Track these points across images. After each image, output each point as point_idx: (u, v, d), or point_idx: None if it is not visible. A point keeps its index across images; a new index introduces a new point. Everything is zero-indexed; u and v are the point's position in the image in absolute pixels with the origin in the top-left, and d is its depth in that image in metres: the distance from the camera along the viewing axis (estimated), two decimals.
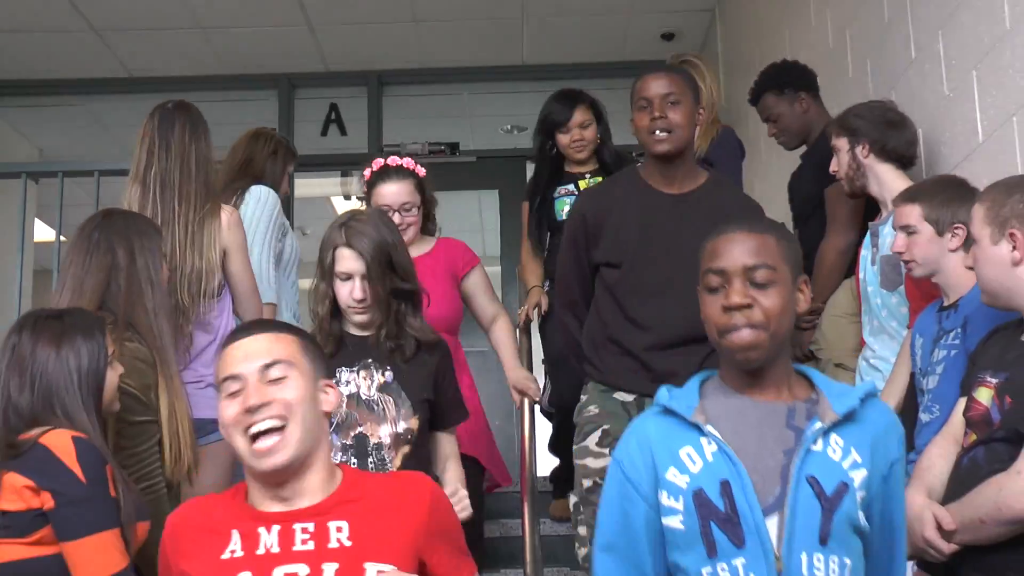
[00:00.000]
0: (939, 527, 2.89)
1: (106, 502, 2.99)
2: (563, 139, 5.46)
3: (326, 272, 3.71)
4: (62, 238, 7.02)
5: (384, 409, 3.64)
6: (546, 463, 5.95)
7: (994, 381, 2.94)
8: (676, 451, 2.38)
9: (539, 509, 5.32)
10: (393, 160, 4.74)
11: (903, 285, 4.07)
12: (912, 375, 3.76)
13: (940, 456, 3.09)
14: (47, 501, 2.91)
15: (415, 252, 4.44)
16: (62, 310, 3.38)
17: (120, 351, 3.40)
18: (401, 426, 3.62)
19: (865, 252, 4.33)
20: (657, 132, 3.93)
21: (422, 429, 3.69)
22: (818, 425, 2.33)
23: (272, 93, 9.38)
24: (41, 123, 9.91)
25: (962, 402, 3.09)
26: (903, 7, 4.71)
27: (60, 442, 2.97)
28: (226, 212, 4.28)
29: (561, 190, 5.59)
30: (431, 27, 8.73)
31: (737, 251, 2.42)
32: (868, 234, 4.34)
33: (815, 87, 5.31)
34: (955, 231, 3.56)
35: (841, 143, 4.27)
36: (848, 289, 4.72)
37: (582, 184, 5.50)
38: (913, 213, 3.65)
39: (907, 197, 3.73)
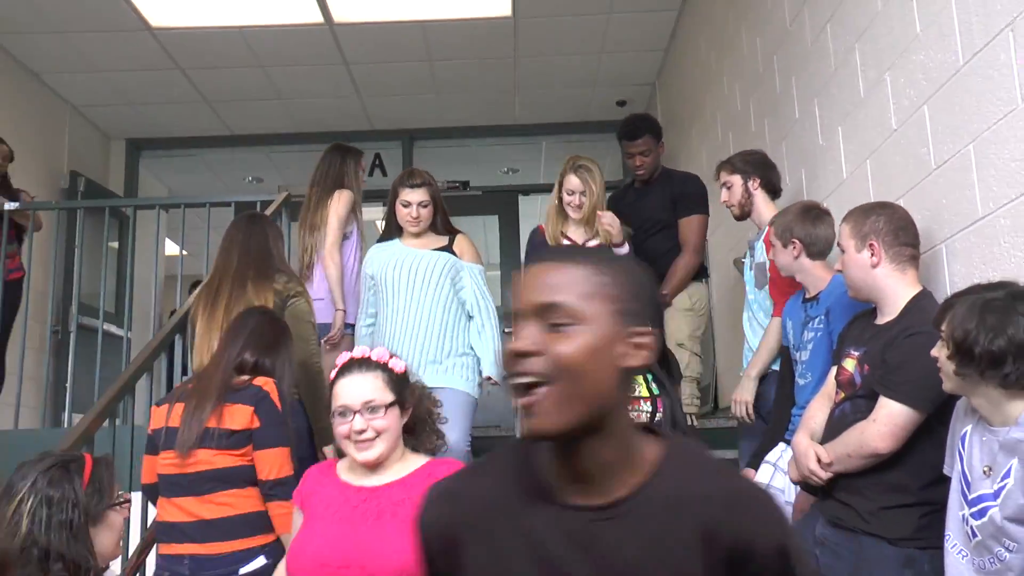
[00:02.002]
0: (819, 460, 2.92)
1: (287, 427, 3.31)
2: None
3: None
4: (184, 252, 7.04)
5: None
6: None
7: (856, 353, 2.98)
8: None
9: None
10: (361, 351, 2.89)
11: (767, 285, 4.10)
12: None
13: (819, 409, 3.12)
14: (255, 422, 3.21)
15: (390, 473, 2.78)
16: (268, 311, 3.75)
17: (308, 304, 4.13)
18: None
19: (747, 260, 4.35)
20: None
21: None
22: None
23: None
24: (169, 169, 9.89)
25: (834, 369, 3.12)
26: (790, 81, 4.72)
27: (268, 385, 3.29)
28: (337, 191, 5.14)
29: None
30: (448, 97, 8.70)
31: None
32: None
33: None
34: (793, 243, 3.60)
35: (735, 179, 4.22)
36: (686, 293, 5.14)
37: None
38: (770, 231, 3.74)
39: (770, 220, 3.82)
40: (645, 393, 2.89)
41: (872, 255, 2.96)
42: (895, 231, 2.98)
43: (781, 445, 3.62)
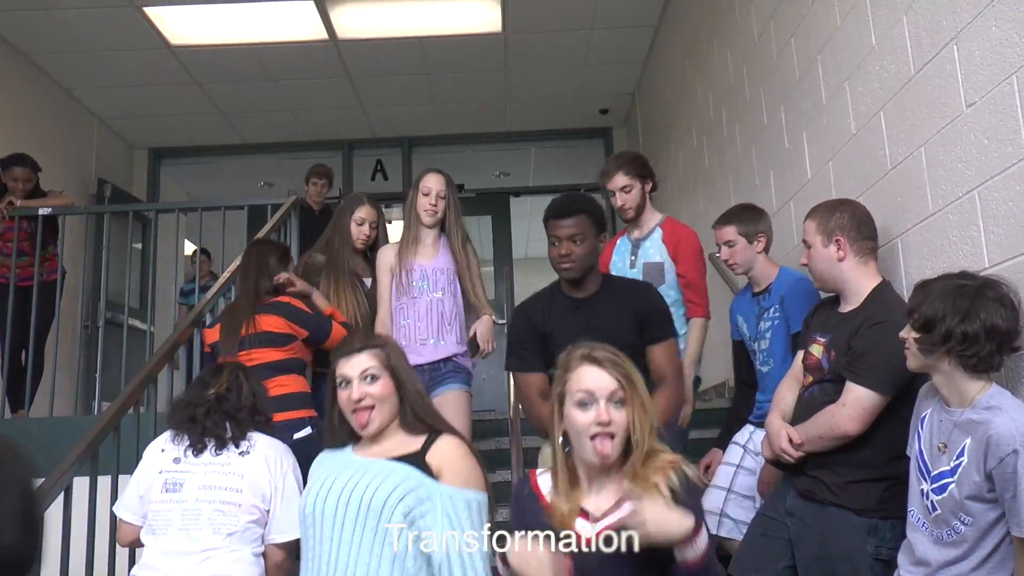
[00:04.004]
0: (790, 441, 2.94)
1: (321, 315, 3.93)
2: None
3: None
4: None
5: None
6: None
7: (823, 340, 2.95)
8: None
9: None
10: None
11: (663, 284, 3.84)
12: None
13: (789, 392, 3.10)
14: (300, 332, 3.82)
15: None
16: (261, 241, 4.35)
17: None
18: None
19: (619, 259, 4.05)
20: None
21: None
22: None
23: (338, 152, 9.35)
24: (188, 176, 9.88)
25: (801, 354, 3.12)
26: (759, 90, 4.74)
27: (285, 298, 3.90)
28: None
29: None
30: (443, 106, 8.71)
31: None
32: (625, 244, 4.07)
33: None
34: (759, 239, 3.59)
35: (635, 183, 3.94)
36: None
37: None
38: (730, 231, 3.60)
39: (723, 221, 3.66)
40: None
41: (838, 249, 2.94)
42: (858, 226, 2.97)
43: (748, 427, 3.63)
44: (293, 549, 2.79)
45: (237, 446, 2.91)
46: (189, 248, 8.79)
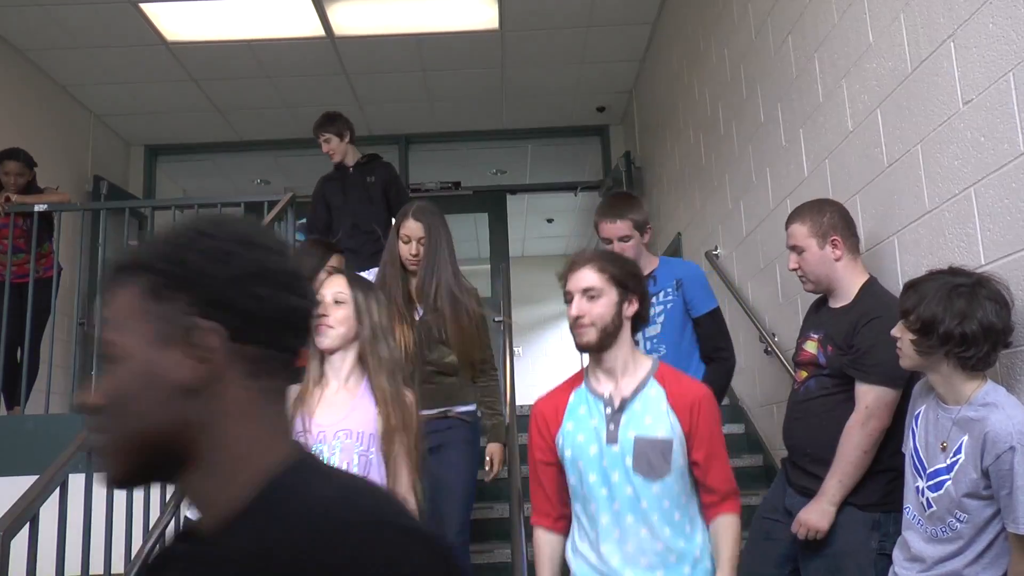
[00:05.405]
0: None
1: None
2: None
3: None
4: None
5: None
6: None
7: (816, 336, 2.96)
8: None
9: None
10: None
11: (669, 472, 3.12)
12: None
13: None
14: None
15: None
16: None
17: None
18: None
19: (576, 431, 3.39)
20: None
21: None
22: None
23: None
24: (184, 173, 9.86)
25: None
26: (755, 88, 4.74)
27: None
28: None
29: None
30: (440, 104, 8.70)
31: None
32: (588, 401, 3.33)
33: None
34: (648, 230, 3.53)
35: (611, 289, 2.95)
36: None
37: None
38: (626, 226, 3.47)
39: (615, 214, 3.50)
40: None
41: (835, 249, 2.94)
42: (846, 224, 2.98)
43: None
44: None
45: None
46: None
